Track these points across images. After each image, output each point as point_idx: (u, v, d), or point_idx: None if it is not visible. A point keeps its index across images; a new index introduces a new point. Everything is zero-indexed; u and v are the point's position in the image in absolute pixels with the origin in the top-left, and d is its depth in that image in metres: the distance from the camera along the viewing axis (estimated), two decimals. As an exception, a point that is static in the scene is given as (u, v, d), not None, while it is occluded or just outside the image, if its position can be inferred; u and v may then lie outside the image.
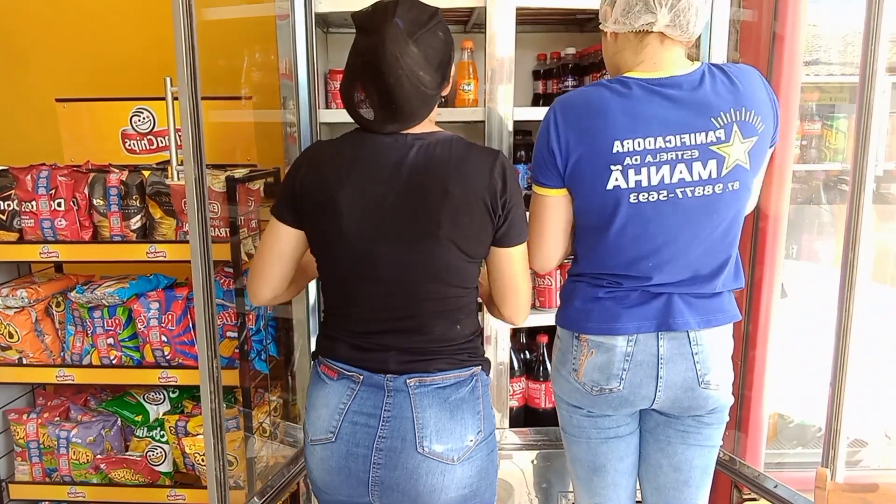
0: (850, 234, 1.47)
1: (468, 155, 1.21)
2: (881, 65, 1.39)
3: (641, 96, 1.25)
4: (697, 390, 1.33)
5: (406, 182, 1.19)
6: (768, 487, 1.78)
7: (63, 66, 2.47)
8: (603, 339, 1.34)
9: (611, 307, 1.34)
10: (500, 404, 1.95)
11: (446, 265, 1.22)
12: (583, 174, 1.28)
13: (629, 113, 1.24)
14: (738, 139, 1.25)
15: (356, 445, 1.24)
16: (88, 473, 2.09)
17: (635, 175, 1.25)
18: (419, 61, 1.15)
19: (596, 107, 1.26)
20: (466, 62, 1.91)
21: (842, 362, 1.50)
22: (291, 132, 1.84)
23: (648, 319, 1.33)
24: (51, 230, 1.90)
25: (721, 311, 1.35)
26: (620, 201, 1.27)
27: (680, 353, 1.33)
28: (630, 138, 1.24)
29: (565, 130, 1.27)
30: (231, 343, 1.93)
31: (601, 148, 1.25)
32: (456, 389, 1.27)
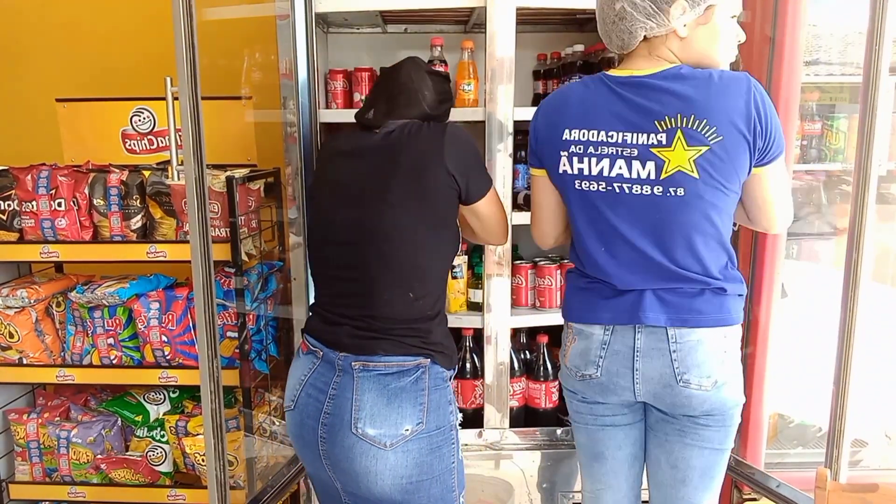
0: (854, 235, 1.47)
1: (420, 131, 1.36)
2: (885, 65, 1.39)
3: (607, 90, 1.31)
4: (676, 388, 1.34)
5: (366, 158, 1.38)
6: (769, 487, 1.78)
7: (63, 66, 2.47)
8: (583, 327, 1.41)
9: (590, 298, 1.41)
10: (500, 404, 1.95)
11: (397, 227, 1.32)
12: (544, 158, 1.40)
13: (585, 105, 1.32)
14: (680, 145, 1.24)
15: (308, 417, 1.36)
16: (89, 473, 2.09)
17: (578, 163, 1.32)
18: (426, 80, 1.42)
19: (561, 98, 1.38)
20: (466, 62, 1.91)
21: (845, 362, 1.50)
22: (291, 132, 1.84)
23: (622, 312, 1.36)
24: (51, 230, 1.90)
25: (699, 312, 1.33)
26: (568, 186, 1.36)
27: (657, 348, 1.34)
28: (577, 128, 1.32)
29: (539, 118, 1.40)
30: (231, 343, 1.93)
31: (555, 133, 1.35)
32: (397, 378, 1.32)
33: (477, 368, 1.98)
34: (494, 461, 1.97)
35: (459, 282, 1.95)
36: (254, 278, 1.93)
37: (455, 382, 2.00)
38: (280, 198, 2.05)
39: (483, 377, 1.94)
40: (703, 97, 1.23)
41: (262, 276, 1.99)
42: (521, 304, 2.00)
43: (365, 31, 2.20)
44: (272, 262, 2.08)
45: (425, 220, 1.33)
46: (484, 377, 1.94)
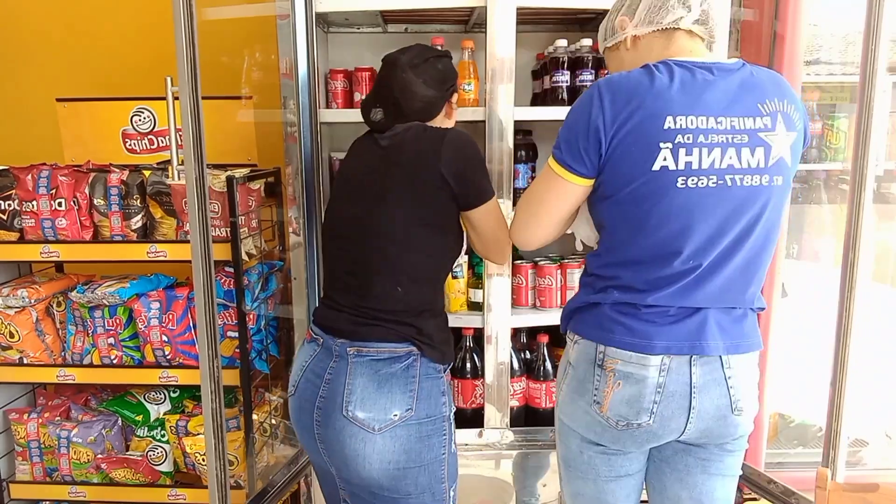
0: (851, 234, 1.47)
1: (422, 134, 1.39)
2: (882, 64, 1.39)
3: (693, 74, 1.15)
4: (730, 418, 1.23)
5: (372, 161, 1.43)
6: (769, 487, 1.78)
7: (63, 66, 2.47)
8: (632, 370, 1.21)
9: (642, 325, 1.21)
10: (500, 404, 1.95)
11: (391, 224, 1.36)
12: (627, 153, 1.14)
13: (682, 89, 1.14)
14: (782, 129, 1.16)
15: (306, 401, 1.40)
16: (89, 473, 2.09)
17: (686, 155, 1.12)
18: (416, 82, 1.42)
19: (646, 83, 1.14)
20: (467, 62, 1.91)
21: (842, 362, 1.50)
22: (292, 132, 1.84)
23: (681, 340, 1.20)
24: (51, 230, 1.90)
25: (747, 336, 1.24)
26: (667, 185, 1.14)
27: (713, 378, 1.21)
28: (683, 115, 1.12)
29: (613, 105, 1.14)
30: (232, 343, 1.93)
31: (652, 123, 1.12)
32: (389, 364, 1.35)
33: (477, 368, 1.98)
34: (494, 461, 1.97)
35: (460, 282, 1.95)
36: (254, 278, 1.93)
37: (455, 382, 2.00)
38: (280, 198, 2.05)
39: (483, 377, 1.95)
40: (784, 85, 1.20)
41: (262, 276, 1.99)
42: (522, 304, 2.00)
43: (365, 31, 2.20)
44: (272, 262, 2.08)
45: (420, 219, 1.36)
46: (484, 377, 1.94)
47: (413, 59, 1.44)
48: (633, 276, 1.21)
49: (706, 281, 1.19)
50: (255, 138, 2.20)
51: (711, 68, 1.17)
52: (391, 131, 1.42)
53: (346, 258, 1.43)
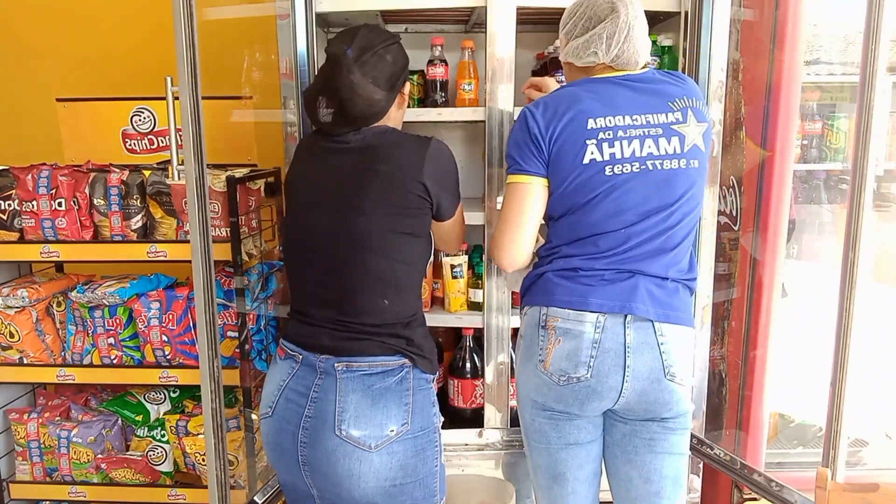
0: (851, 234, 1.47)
1: (402, 141, 1.37)
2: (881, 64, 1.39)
3: (608, 86, 1.40)
4: (664, 382, 1.36)
5: (340, 162, 1.37)
6: (769, 487, 1.77)
7: (63, 66, 2.47)
8: (571, 326, 1.37)
9: (579, 286, 1.38)
10: (500, 404, 1.95)
11: (370, 234, 1.32)
12: (562, 152, 1.36)
13: (599, 98, 1.38)
14: (693, 121, 1.38)
15: (287, 422, 1.32)
16: (89, 473, 2.09)
17: (609, 148, 1.35)
18: (362, 84, 1.33)
19: (568, 97, 1.40)
20: (466, 62, 1.91)
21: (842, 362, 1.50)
22: (292, 132, 1.84)
23: (612, 300, 1.36)
24: (51, 230, 1.90)
25: (677, 310, 1.40)
26: (596, 174, 1.35)
27: (646, 342, 1.36)
28: (602, 116, 1.36)
29: (545, 118, 1.37)
30: (232, 343, 1.93)
31: (578, 126, 1.36)
32: (382, 378, 1.31)
33: (477, 368, 1.98)
34: (494, 461, 1.97)
35: (460, 282, 1.95)
36: (254, 278, 1.93)
37: (455, 381, 2.00)
38: (280, 198, 2.05)
39: (483, 377, 1.95)
40: (690, 85, 1.44)
41: (262, 276, 1.99)
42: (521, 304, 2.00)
43: (365, 31, 2.20)
44: (272, 262, 2.08)
45: (398, 229, 1.34)
46: (484, 377, 1.94)
47: (360, 54, 1.33)
48: (572, 249, 1.40)
49: (635, 250, 1.37)
50: (255, 138, 2.20)
51: (623, 79, 1.41)
52: (358, 134, 1.37)
53: (321, 271, 1.36)
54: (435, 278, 2.01)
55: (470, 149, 2.30)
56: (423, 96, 1.97)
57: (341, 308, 1.34)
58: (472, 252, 2.08)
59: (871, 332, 1.62)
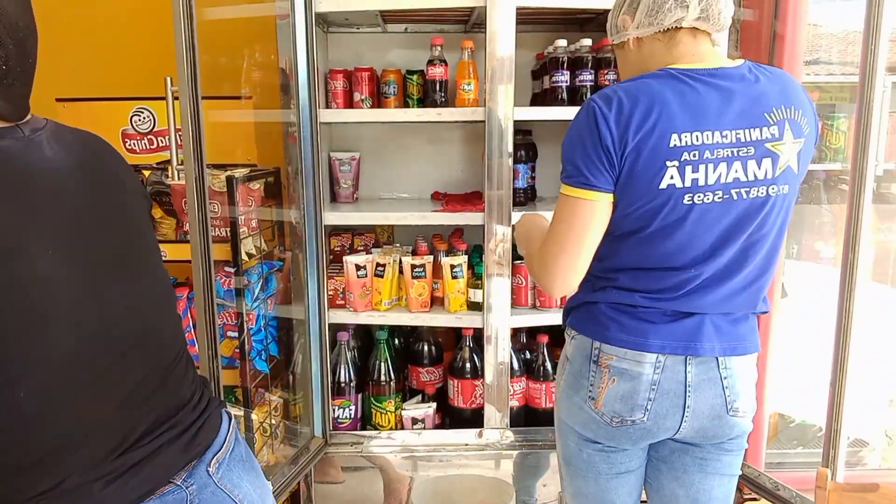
0: (850, 234, 1.47)
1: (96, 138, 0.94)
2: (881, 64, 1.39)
3: (695, 87, 1.13)
4: (725, 418, 1.22)
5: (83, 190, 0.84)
6: (769, 487, 1.78)
7: (63, 66, 2.47)
8: (627, 366, 1.20)
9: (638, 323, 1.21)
10: (500, 404, 1.95)
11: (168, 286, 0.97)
12: (636, 171, 1.12)
13: (686, 105, 1.11)
14: (789, 138, 1.14)
15: None
16: (89, 473, 2.09)
17: (692, 172, 1.11)
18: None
19: (649, 96, 1.11)
20: (466, 62, 1.91)
21: (842, 363, 1.50)
22: (291, 132, 1.84)
23: (675, 340, 1.19)
24: None
25: (744, 339, 1.23)
26: (673, 202, 1.13)
27: (708, 377, 1.21)
28: (688, 131, 1.10)
29: (619, 126, 1.10)
30: (231, 343, 1.93)
31: (659, 143, 1.10)
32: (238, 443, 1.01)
33: (477, 368, 1.98)
34: (494, 461, 1.97)
35: (459, 281, 1.95)
36: (254, 278, 1.93)
37: (455, 381, 2.00)
38: (280, 198, 2.05)
39: (483, 377, 1.95)
40: (790, 88, 1.17)
41: (262, 276, 1.99)
42: (522, 304, 2.00)
43: (365, 31, 2.21)
44: (272, 262, 2.08)
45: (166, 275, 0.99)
46: (484, 377, 1.94)
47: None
48: (632, 281, 1.21)
49: (707, 291, 1.18)
50: (255, 138, 2.20)
51: (716, 75, 1.14)
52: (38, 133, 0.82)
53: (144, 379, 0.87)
54: (435, 278, 2.01)
55: (470, 149, 2.30)
56: (423, 96, 1.97)
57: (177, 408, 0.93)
58: (472, 252, 2.08)
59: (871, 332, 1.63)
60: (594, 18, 2.06)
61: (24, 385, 0.74)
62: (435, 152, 2.30)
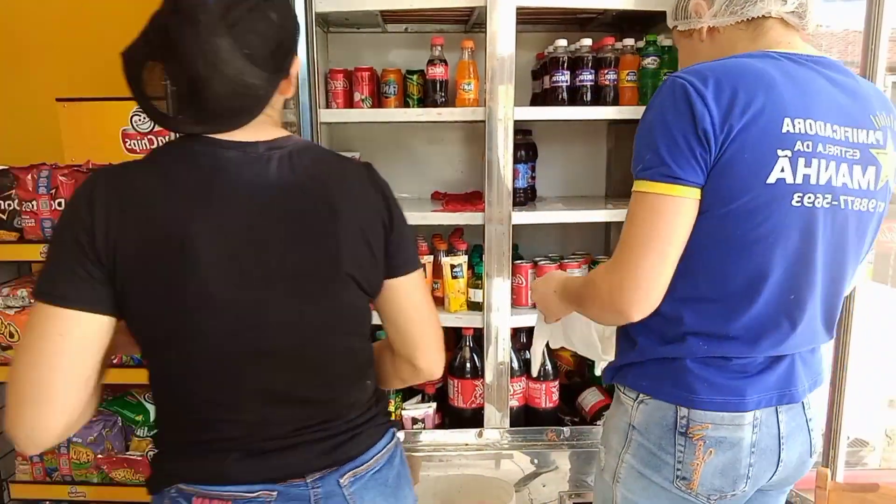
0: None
1: (345, 165, 0.98)
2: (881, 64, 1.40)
3: (801, 69, 0.96)
4: (808, 462, 1.09)
5: (281, 206, 0.90)
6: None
7: (63, 66, 2.47)
8: (726, 433, 1.00)
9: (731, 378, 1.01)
10: (500, 404, 1.95)
11: (353, 309, 0.97)
12: (737, 161, 0.91)
13: (795, 85, 0.93)
14: (891, 148, 0.98)
15: None
16: (89, 473, 2.09)
17: (805, 167, 0.92)
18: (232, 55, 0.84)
19: (752, 73, 0.93)
20: (466, 62, 1.91)
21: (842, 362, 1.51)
22: (292, 132, 1.84)
23: (770, 390, 1.02)
24: (51, 230, 1.90)
25: (820, 371, 1.09)
26: (779, 202, 0.92)
27: (797, 424, 1.05)
28: (801, 117, 0.91)
29: (720, 104, 0.90)
30: (231, 343, 1.93)
31: (769, 125, 0.91)
32: (390, 466, 1.02)
33: (477, 368, 1.98)
34: (494, 461, 1.97)
35: (459, 281, 1.95)
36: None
37: (455, 381, 2.00)
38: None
39: (483, 377, 1.94)
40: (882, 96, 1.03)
41: (262, 276, 1.99)
42: (522, 304, 2.00)
43: (365, 31, 2.21)
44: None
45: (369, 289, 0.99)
46: (484, 377, 1.94)
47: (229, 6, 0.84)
48: (715, 318, 0.99)
49: (797, 318, 0.99)
50: (255, 138, 2.20)
51: (821, 62, 0.98)
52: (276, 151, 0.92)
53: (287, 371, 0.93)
54: (435, 278, 2.01)
55: (470, 149, 2.30)
56: (423, 96, 1.97)
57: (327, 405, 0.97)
58: (472, 252, 2.08)
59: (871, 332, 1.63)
60: (594, 18, 2.06)
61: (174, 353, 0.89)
62: (435, 152, 2.30)
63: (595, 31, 2.13)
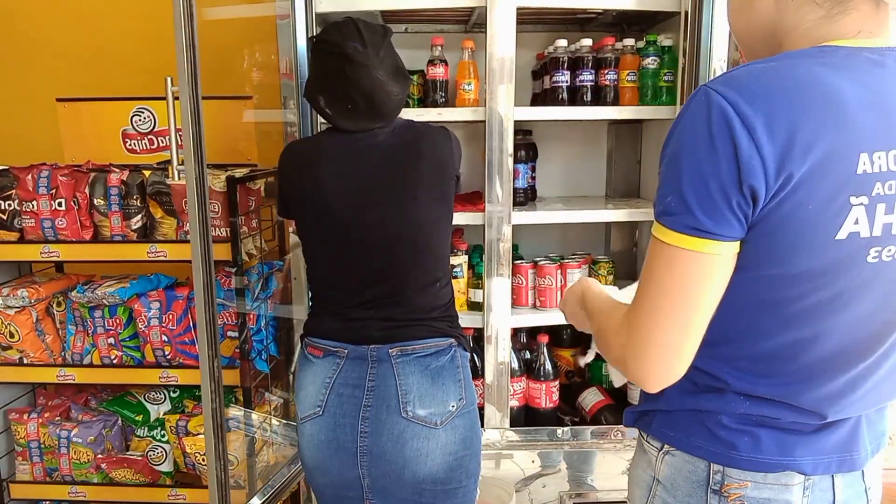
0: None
1: (431, 131, 1.41)
2: None
3: (889, 75, 0.74)
4: None
5: (380, 156, 1.37)
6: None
7: (64, 66, 2.47)
8: (770, 494, 0.84)
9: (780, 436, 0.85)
10: (500, 404, 1.95)
11: (428, 222, 1.37)
12: (799, 216, 0.72)
13: (877, 103, 0.72)
14: None
15: (343, 416, 1.34)
16: (89, 473, 2.09)
17: (885, 215, 0.73)
18: (387, 79, 1.34)
19: (821, 91, 0.71)
20: (467, 62, 1.91)
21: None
22: (292, 132, 1.84)
23: (827, 454, 0.85)
24: (51, 230, 1.90)
25: (886, 430, 0.92)
26: (852, 259, 0.74)
27: (855, 492, 0.88)
28: (883, 150, 0.71)
29: (773, 134, 0.69)
30: (232, 343, 1.93)
31: (840, 164, 0.71)
32: (436, 358, 1.36)
33: (477, 368, 1.98)
34: (495, 461, 1.97)
35: (460, 281, 1.95)
36: (254, 278, 1.93)
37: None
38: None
39: (483, 377, 1.95)
40: None
41: (262, 276, 1.99)
42: (522, 304, 2.01)
43: (365, 31, 2.20)
44: (272, 262, 2.08)
45: (445, 215, 1.42)
46: (484, 377, 1.94)
47: (376, 51, 1.34)
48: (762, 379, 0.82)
49: (868, 384, 0.83)
50: (255, 138, 2.20)
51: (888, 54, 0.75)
52: (386, 128, 1.40)
53: (371, 267, 1.38)
54: (435, 278, 2.01)
55: (470, 149, 2.30)
56: (423, 96, 1.97)
57: (394, 299, 1.37)
58: (472, 252, 2.08)
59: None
60: (594, 18, 2.06)
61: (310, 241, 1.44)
62: (435, 152, 2.30)
63: (595, 31, 2.14)
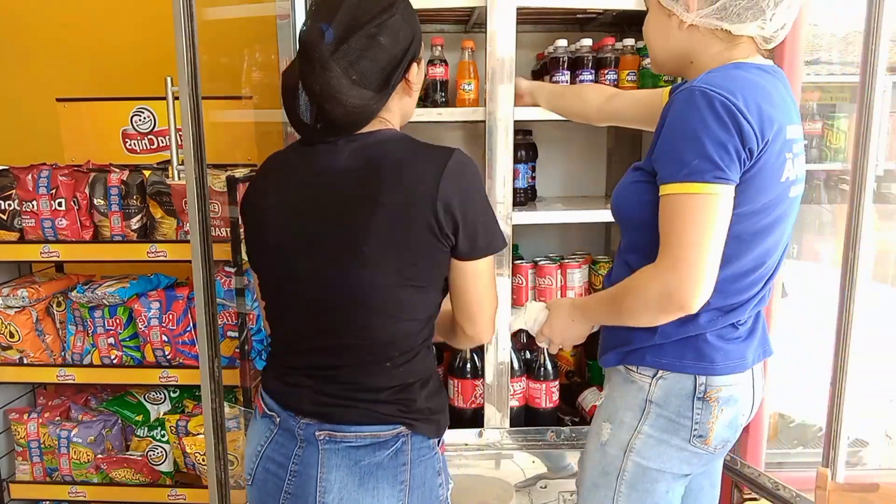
0: (851, 234, 1.47)
1: (412, 157, 1.03)
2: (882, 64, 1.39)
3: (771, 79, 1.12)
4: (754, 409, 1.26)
5: (331, 187, 1.04)
6: (769, 487, 1.77)
7: (64, 66, 2.47)
8: (734, 392, 1.17)
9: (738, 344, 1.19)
10: (500, 404, 1.95)
11: (374, 288, 1.03)
12: (767, 166, 1.07)
13: (778, 96, 1.10)
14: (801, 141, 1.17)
15: (267, 495, 1.12)
16: (89, 473, 2.09)
17: (792, 166, 1.12)
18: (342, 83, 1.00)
19: (759, 88, 1.07)
20: (466, 62, 1.91)
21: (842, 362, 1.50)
22: (292, 132, 1.84)
23: (757, 348, 1.22)
24: (51, 230, 1.90)
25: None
26: (784, 195, 1.12)
27: (761, 373, 1.25)
28: (790, 124, 1.11)
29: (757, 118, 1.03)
30: (232, 343, 1.93)
31: (781, 133, 1.07)
32: (371, 451, 1.06)
33: (477, 368, 1.98)
34: (494, 461, 1.97)
35: (459, 281, 1.95)
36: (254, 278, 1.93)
37: (455, 381, 2.00)
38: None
39: (483, 377, 1.94)
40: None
41: (262, 276, 1.99)
42: (522, 304, 2.00)
43: (365, 31, 2.20)
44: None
45: (408, 279, 1.04)
46: (484, 377, 1.94)
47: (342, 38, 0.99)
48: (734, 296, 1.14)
49: (768, 285, 1.20)
50: (255, 138, 2.20)
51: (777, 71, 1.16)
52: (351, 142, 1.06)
53: (308, 326, 1.09)
54: (435, 278, 2.01)
55: (470, 149, 2.29)
56: (423, 96, 1.97)
57: (335, 368, 1.08)
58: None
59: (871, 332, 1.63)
60: (594, 18, 2.06)
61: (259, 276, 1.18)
62: (435, 152, 2.30)
63: (595, 32, 2.13)
